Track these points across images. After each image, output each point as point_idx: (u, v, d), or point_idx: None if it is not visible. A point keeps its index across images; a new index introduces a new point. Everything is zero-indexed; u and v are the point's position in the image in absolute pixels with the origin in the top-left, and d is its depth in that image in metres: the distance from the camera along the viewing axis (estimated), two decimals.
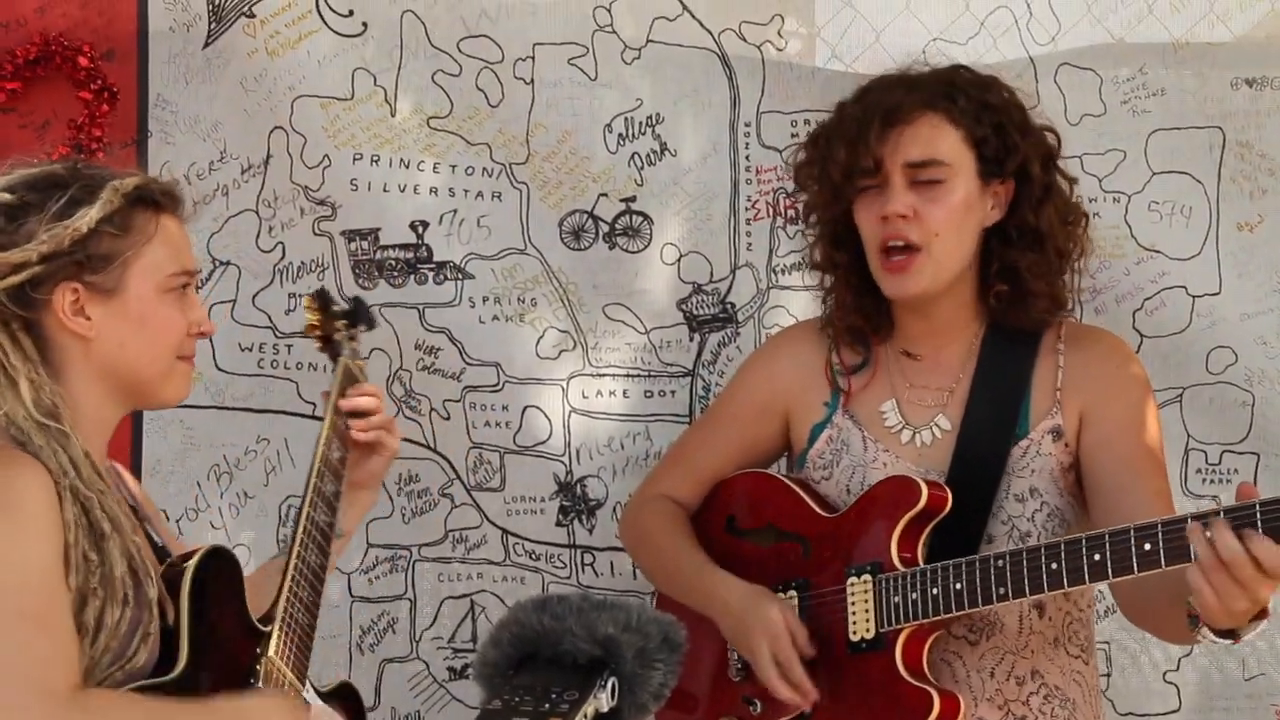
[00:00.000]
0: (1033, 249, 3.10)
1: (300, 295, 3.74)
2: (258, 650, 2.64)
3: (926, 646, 2.99)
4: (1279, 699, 3.68)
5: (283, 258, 3.79)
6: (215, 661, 2.57)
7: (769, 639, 3.03)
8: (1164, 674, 3.71)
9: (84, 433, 2.56)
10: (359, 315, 3.24)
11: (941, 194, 3.04)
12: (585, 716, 2.19)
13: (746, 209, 3.74)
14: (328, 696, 2.81)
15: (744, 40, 3.71)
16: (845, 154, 3.08)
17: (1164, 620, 2.89)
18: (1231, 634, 2.69)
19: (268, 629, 2.66)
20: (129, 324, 2.60)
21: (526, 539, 3.80)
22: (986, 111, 3.08)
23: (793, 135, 3.67)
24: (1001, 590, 2.85)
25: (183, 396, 2.74)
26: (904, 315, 3.18)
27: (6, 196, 2.57)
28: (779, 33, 3.70)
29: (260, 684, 2.61)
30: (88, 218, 2.54)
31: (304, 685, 2.71)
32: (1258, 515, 2.57)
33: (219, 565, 2.64)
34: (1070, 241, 3.13)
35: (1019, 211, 3.10)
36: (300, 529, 2.79)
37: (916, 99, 3.06)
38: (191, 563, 2.59)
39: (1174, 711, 3.72)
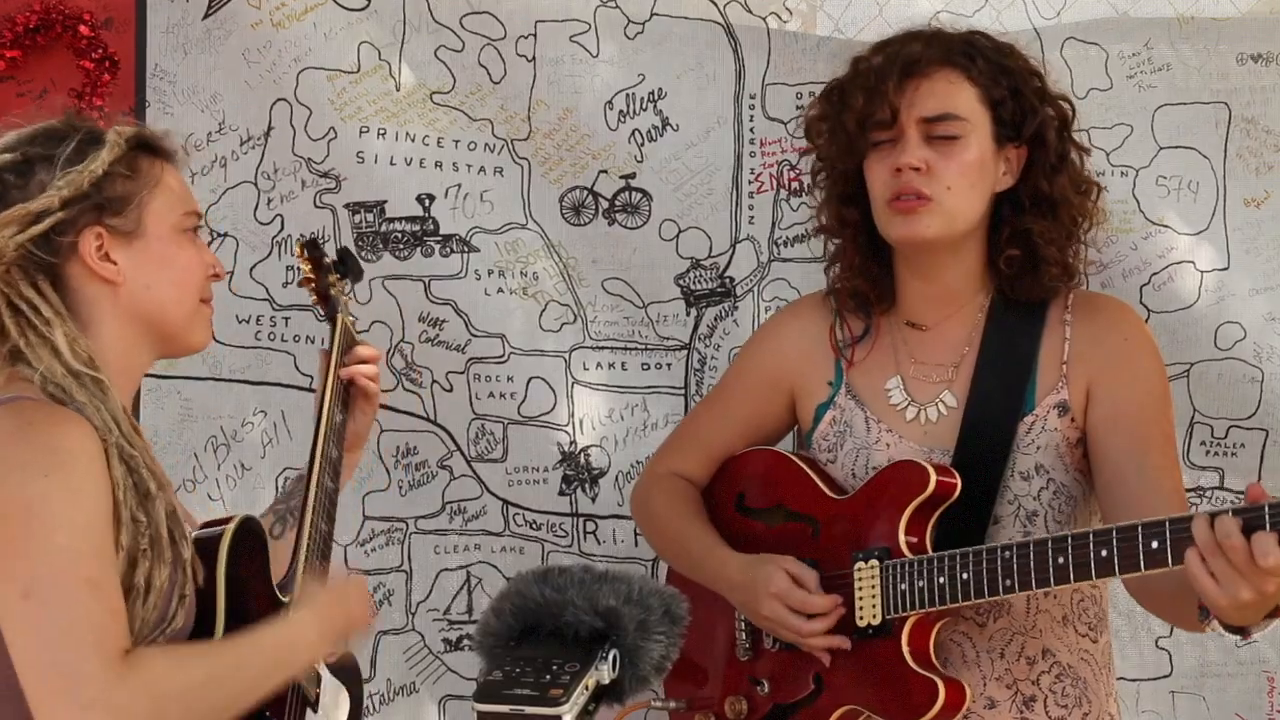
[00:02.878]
0: (1045, 216, 3.06)
1: (297, 268, 3.74)
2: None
3: (933, 634, 2.97)
4: (1271, 666, 3.67)
5: (281, 230, 3.79)
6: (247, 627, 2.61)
7: (778, 596, 3.01)
8: (1157, 640, 3.69)
9: (114, 385, 2.57)
10: (348, 266, 3.16)
11: (956, 150, 3.01)
12: (586, 688, 2.18)
13: (750, 182, 3.73)
14: (334, 670, 2.85)
15: (749, 12, 3.70)
16: (862, 102, 3.05)
17: (1174, 608, 2.85)
18: (1242, 630, 2.65)
19: (286, 598, 2.70)
20: (153, 265, 2.61)
21: (528, 509, 3.80)
22: (1004, 75, 3.05)
23: (798, 107, 3.64)
24: (1008, 582, 2.82)
25: (207, 342, 2.75)
26: (909, 280, 3.14)
27: (8, 156, 2.57)
28: (784, 4, 3.69)
29: None
30: (101, 160, 2.56)
31: None
32: (1266, 517, 2.51)
33: (249, 534, 2.68)
34: (1082, 211, 3.10)
35: (1032, 178, 3.06)
36: (312, 496, 2.82)
37: (935, 53, 3.03)
38: (230, 527, 2.63)
39: (1165, 676, 3.71)
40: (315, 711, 2.77)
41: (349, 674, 2.89)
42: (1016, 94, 3.04)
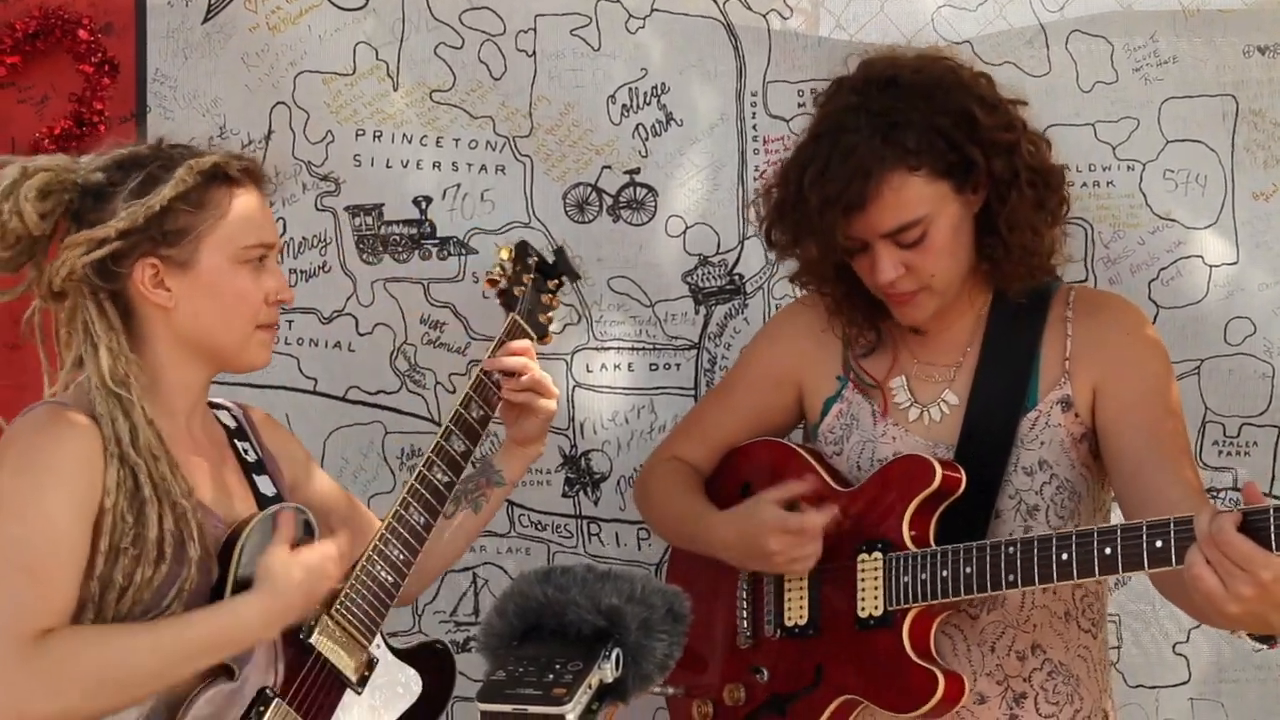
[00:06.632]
0: (1004, 231, 3.04)
1: (301, 271, 3.75)
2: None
3: (934, 627, 2.98)
4: None
5: (284, 233, 3.76)
6: None
7: (776, 528, 3.01)
8: (1174, 645, 3.67)
9: (165, 397, 2.78)
10: (558, 267, 3.30)
11: (928, 244, 3.00)
12: (589, 687, 2.19)
13: (755, 179, 3.70)
14: (410, 654, 3.01)
15: (749, 9, 3.67)
16: (818, 249, 3.07)
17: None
18: (1269, 640, 2.67)
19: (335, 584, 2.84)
20: (203, 295, 2.78)
21: (532, 509, 3.78)
22: (937, 135, 2.97)
23: (799, 105, 3.63)
24: (1011, 577, 2.84)
25: (263, 363, 2.92)
26: None
27: (98, 177, 2.78)
28: (785, 2, 3.66)
29: (314, 636, 2.83)
30: (161, 195, 2.74)
31: (371, 640, 2.90)
32: (1271, 519, 2.52)
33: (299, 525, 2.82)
34: (1046, 213, 3.08)
35: (989, 200, 3.05)
36: (408, 488, 2.99)
37: (869, 173, 2.95)
38: (249, 526, 2.76)
39: (1184, 683, 3.68)
40: (359, 693, 2.89)
41: (430, 660, 3.04)
42: (955, 145, 2.98)
